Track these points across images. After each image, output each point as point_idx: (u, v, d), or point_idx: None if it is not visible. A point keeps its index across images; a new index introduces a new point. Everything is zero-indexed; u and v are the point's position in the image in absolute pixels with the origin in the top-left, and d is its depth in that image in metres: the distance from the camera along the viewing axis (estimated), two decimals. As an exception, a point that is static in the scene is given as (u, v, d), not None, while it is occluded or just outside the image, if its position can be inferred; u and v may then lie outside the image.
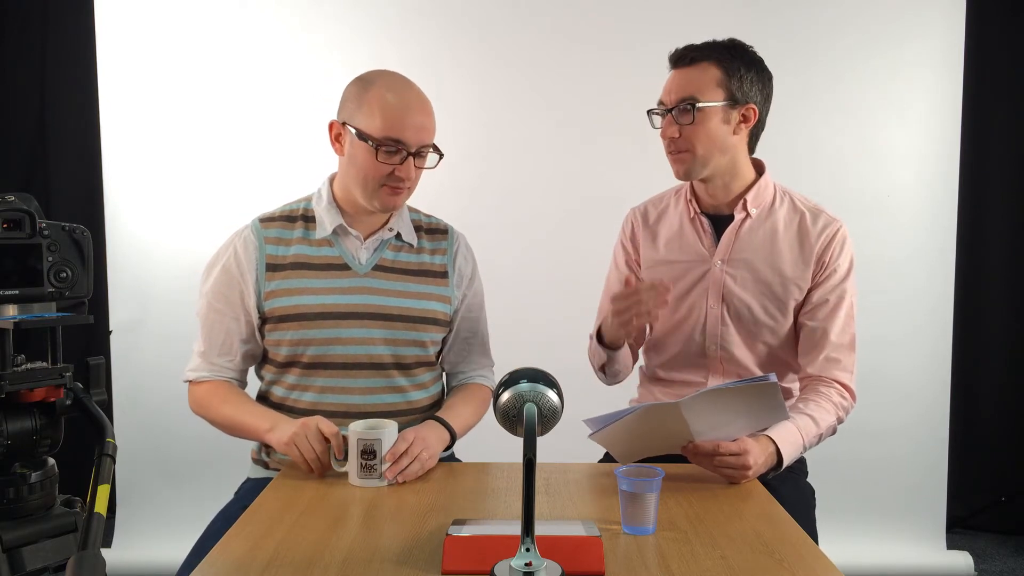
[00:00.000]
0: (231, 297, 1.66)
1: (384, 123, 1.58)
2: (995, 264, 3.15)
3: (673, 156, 1.72)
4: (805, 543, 1.23)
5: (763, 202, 1.77)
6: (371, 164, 1.60)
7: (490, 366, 1.87)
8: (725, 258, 1.76)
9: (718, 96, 1.66)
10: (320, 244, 1.68)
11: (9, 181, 3.05)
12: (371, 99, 1.59)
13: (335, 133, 1.65)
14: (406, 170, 1.61)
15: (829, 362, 1.72)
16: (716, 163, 1.71)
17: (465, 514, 1.34)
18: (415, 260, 1.74)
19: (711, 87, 1.66)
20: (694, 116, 1.66)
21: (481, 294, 1.84)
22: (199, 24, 2.86)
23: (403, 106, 1.59)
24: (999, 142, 3.10)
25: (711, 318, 1.78)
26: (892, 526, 2.94)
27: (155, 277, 2.88)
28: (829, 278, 1.73)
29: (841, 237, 1.73)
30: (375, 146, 1.58)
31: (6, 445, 0.96)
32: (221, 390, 1.68)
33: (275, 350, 1.68)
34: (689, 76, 1.68)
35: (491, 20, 2.90)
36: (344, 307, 1.66)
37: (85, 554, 0.80)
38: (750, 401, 1.47)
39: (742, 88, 1.67)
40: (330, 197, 1.70)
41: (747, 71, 1.67)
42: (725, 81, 1.66)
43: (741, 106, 1.68)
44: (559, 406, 1.16)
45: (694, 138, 1.67)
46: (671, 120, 1.70)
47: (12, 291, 0.95)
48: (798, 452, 1.59)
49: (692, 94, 1.66)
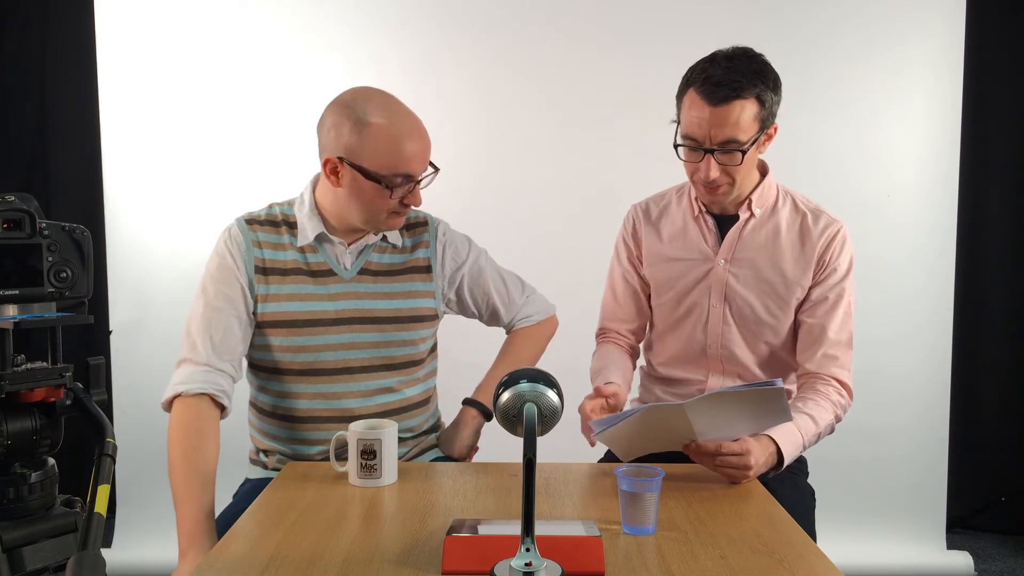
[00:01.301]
0: (230, 294, 1.63)
1: (391, 160, 1.54)
2: (995, 264, 3.15)
3: (709, 191, 1.69)
4: (805, 543, 1.23)
5: (767, 202, 1.77)
6: (381, 200, 1.57)
7: (528, 304, 1.90)
8: (728, 257, 1.77)
9: (754, 130, 1.61)
10: (304, 250, 1.67)
11: (9, 181, 3.05)
12: (372, 135, 1.53)
13: (331, 168, 1.58)
14: (415, 198, 1.60)
15: (827, 359, 1.73)
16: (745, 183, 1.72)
17: (465, 514, 1.34)
18: (401, 260, 1.73)
19: (750, 123, 1.60)
20: (742, 159, 1.62)
21: (480, 261, 1.82)
22: (199, 24, 2.86)
23: (406, 138, 1.55)
24: (999, 142, 3.10)
25: (713, 316, 1.79)
26: (892, 526, 2.94)
27: (155, 277, 2.88)
28: (829, 277, 1.74)
29: (841, 237, 1.74)
30: (387, 186, 1.55)
31: (6, 445, 0.97)
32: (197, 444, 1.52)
33: (262, 356, 1.67)
34: (729, 115, 1.58)
35: (491, 20, 2.90)
36: (333, 313, 1.65)
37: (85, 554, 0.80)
38: (755, 405, 1.47)
39: (771, 112, 1.64)
40: (312, 204, 1.67)
41: (774, 95, 1.63)
42: (760, 115, 1.61)
43: (769, 127, 1.66)
44: (559, 406, 1.16)
45: (735, 173, 1.65)
46: (711, 160, 1.62)
47: (12, 291, 0.95)
48: (798, 452, 1.60)
49: (736, 136, 1.60)
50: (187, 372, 1.58)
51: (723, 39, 1.76)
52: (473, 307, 1.85)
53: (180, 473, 1.49)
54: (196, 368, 1.59)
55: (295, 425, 1.68)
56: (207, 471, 1.50)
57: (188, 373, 1.58)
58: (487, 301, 1.84)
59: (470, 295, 1.82)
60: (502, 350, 1.90)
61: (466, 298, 1.82)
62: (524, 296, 1.90)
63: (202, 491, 1.47)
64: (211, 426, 1.55)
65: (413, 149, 1.55)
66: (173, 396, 1.57)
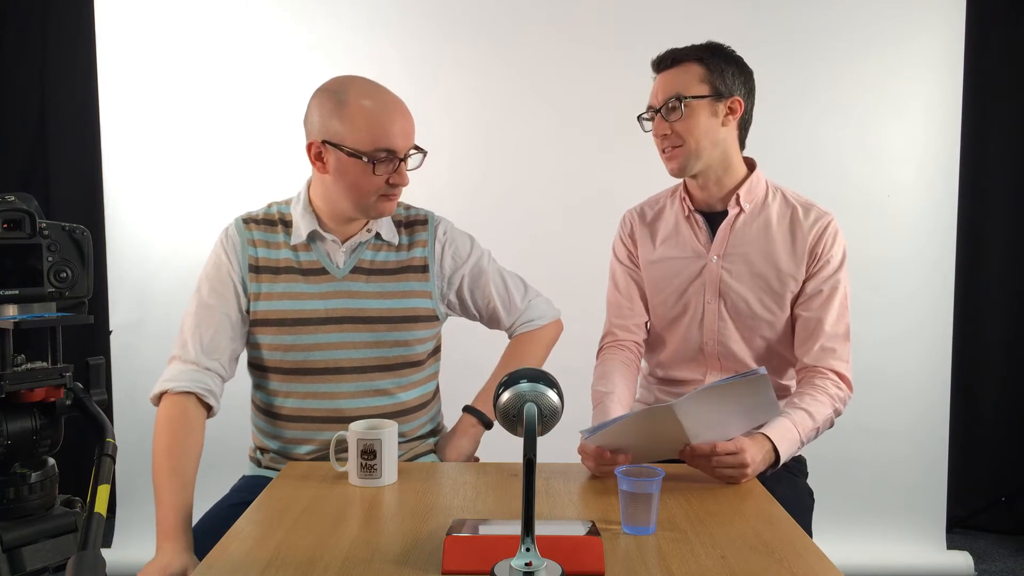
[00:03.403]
0: (223, 293, 1.64)
1: (372, 135, 1.55)
2: (995, 264, 3.15)
3: (667, 154, 1.76)
4: (805, 543, 1.23)
5: (756, 197, 1.78)
6: (366, 179, 1.57)
7: (530, 308, 1.87)
8: (721, 253, 1.78)
9: (703, 90, 1.71)
10: (298, 249, 1.67)
11: (9, 181, 3.05)
12: (352, 113, 1.55)
13: (315, 153, 1.60)
14: (401, 177, 1.60)
15: (824, 352, 1.73)
16: (708, 156, 1.73)
17: (465, 514, 1.34)
18: (395, 258, 1.72)
19: (695, 83, 1.71)
20: (682, 111, 1.70)
21: (481, 262, 1.80)
22: (199, 24, 2.86)
23: (386, 114, 1.57)
24: (999, 142, 3.10)
25: (708, 313, 1.79)
26: (892, 526, 2.94)
27: (155, 277, 2.88)
28: (822, 269, 1.74)
29: (832, 229, 1.75)
30: (369, 160, 1.56)
31: (6, 445, 0.97)
32: (181, 441, 1.53)
33: (256, 354, 1.68)
34: (673, 76, 1.73)
35: (491, 20, 2.90)
36: (323, 312, 1.65)
37: (85, 554, 0.80)
38: (743, 396, 1.47)
39: (724, 82, 1.72)
40: (306, 201, 1.68)
41: (727, 66, 1.73)
42: (708, 76, 1.71)
43: (726, 99, 1.72)
44: (559, 406, 1.16)
45: (685, 132, 1.71)
46: (660, 119, 1.74)
47: (12, 291, 0.95)
48: (795, 447, 1.59)
49: (678, 91, 1.71)
50: (176, 370, 1.60)
51: (723, 39, 1.77)
52: (474, 309, 1.83)
53: (161, 470, 1.51)
54: (184, 366, 1.60)
55: (285, 424, 1.68)
56: (187, 469, 1.52)
57: (176, 371, 1.60)
58: (487, 304, 1.82)
59: (470, 297, 1.80)
60: (503, 356, 1.88)
61: (467, 300, 1.80)
62: (527, 300, 1.87)
63: (181, 488, 1.49)
64: (195, 425, 1.56)
65: (393, 124, 1.57)
66: (160, 392, 1.59)
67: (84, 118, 2.95)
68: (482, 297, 1.82)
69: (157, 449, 1.53)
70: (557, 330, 1.93)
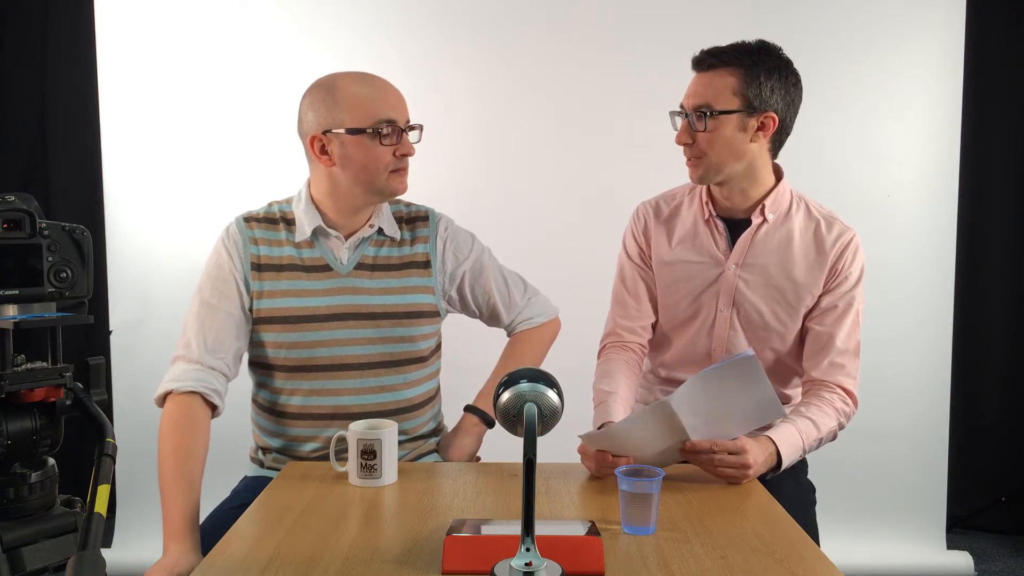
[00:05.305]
0: (226, 292, 1.64)
1: (369, 110, 1.58)
2: (995, 264, 3.15)
3: (690, 162, 1.71)
4: (805, 543, 1.23)
5: (780, 208, 1.75)
6: (374, 154, 1.59)
7: (529, 306, 1.87)
8: (739, 262, 1.75)
9: (733, 104, 1.63)
10: (302, 246, 1.67)
11: (9, 181, 3.04)
12: (345, 96, 1.59)
13: (318, 147, 1.61)
14: (406, 146, 1.62)
15: (833, 367, 1.72)
16: (731, 170, 1.69)
17: (465, 514, 1.34)
18: (397, 253, 1.72)
19: (726, 95, 1.63)
20: (707, 124, 1.64)
21: (482, 259, 1.81)
22: (199, 25, 2.86)
23: (378, 89, 1.62)
24: (999, 142, 3.10)
25: (720, 320, 1.77)
26: (892, 526, 2.94)
27: (155, 277, 2.87)
28: (840, 285, 1.72)
29: (855, 246, 1.72)
30: (374, 131, 1.58)
31: (6, 445, 0.96)
32: (187, 441, 1.53)
33: (259, 352, 1.67)
34: (707, 83, 1.66)
35: (491, 20, 2.90)
36: (327, 309, 1.65)
37: (85, 554, 0.80)
38: (736, 382, 1.46)
39: (760, 96, 1.64)
40: (308, 199, 1.68)
41: (767, 78, 1.64)
42: (742, 88, 1.63)
43: (759, 114, 1.65)
44: (559, 406, 1.16)
45: (707, 145, 1.66)
46: (686, 126, 1.69)
47: (12, 291, 0.95)
48: (797, 454, 1.59)
49: (708, 101, 1.64)
50: (180, 370, 1.60)
51: (723, 39, 1.76)
52: (474, 306, 1.84)
53: (167, 470, 1.51)
54: (188, 366, 1.60)
55: (290, 422, 1.68)
56: (194, 469, 1.52)
57: (181, 371, 1.60)
58: (488, 301, 1.83)
59: (471, 293, 1.81)
60: (503, 354, 1.89)
61: (467, 296, 1.81)
62: (526, 298, 1.88)
63: (188, 489, 1.49)
64: (200, 425, 1.57)
65: (388, 96, 1.61)
66: (165, 392, 1.59)
67: (84, 118, 2.94)
68: (483, 294, 1.82)
69: (163, 450, 1.53)
70: (556, 328, 1.94)
